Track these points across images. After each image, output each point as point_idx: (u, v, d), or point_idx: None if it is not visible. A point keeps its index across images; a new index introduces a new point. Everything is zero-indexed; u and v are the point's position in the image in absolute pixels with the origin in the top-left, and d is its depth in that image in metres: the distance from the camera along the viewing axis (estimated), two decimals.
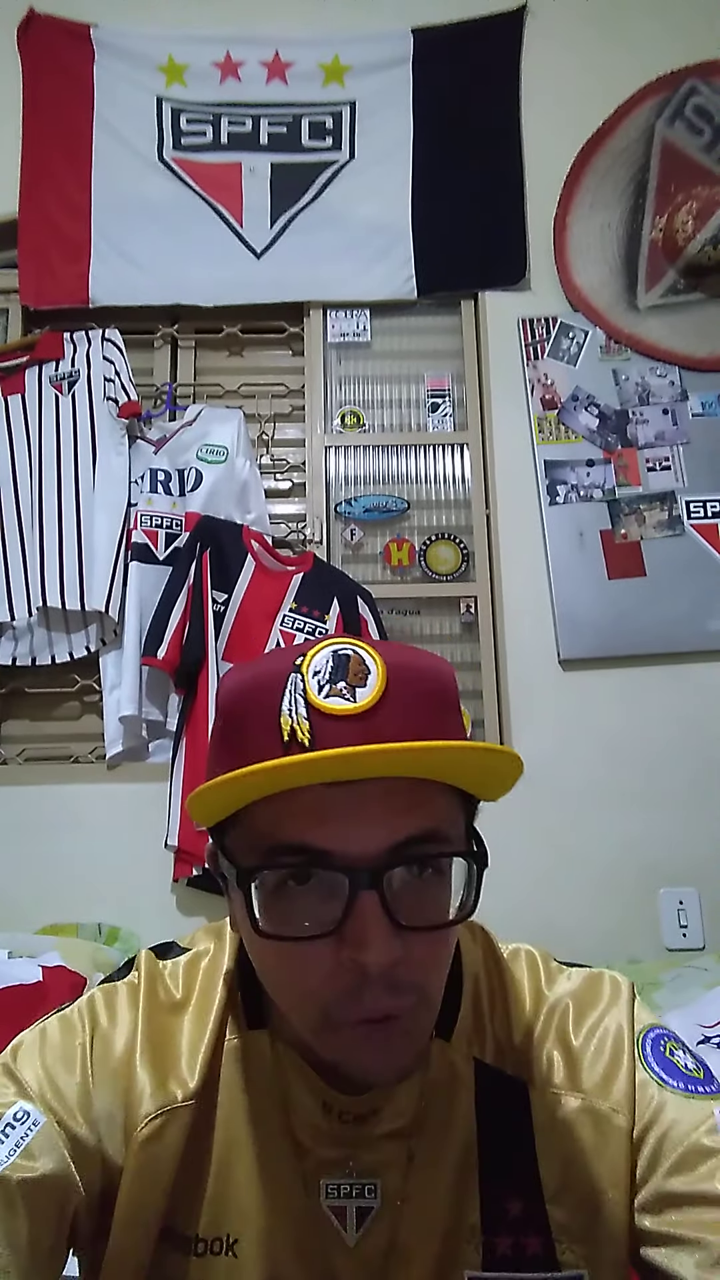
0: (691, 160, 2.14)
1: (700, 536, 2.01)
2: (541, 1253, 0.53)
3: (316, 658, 0.49)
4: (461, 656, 2.06)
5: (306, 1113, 0.56)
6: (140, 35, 2.20)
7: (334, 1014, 0.48)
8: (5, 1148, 0.49)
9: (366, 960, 0.46)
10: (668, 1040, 0.58)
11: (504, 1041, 0.59)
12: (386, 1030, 0.48)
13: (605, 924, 1.80)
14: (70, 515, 1.99)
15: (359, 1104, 0.56)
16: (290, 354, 2.24)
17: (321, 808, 0.47)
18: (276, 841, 0.48)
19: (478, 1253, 0.53)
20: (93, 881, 1.84)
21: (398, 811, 0.47)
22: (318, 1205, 0.54)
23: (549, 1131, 0.55)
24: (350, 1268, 0.54)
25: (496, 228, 2.17)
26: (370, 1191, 0.54)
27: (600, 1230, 0.53)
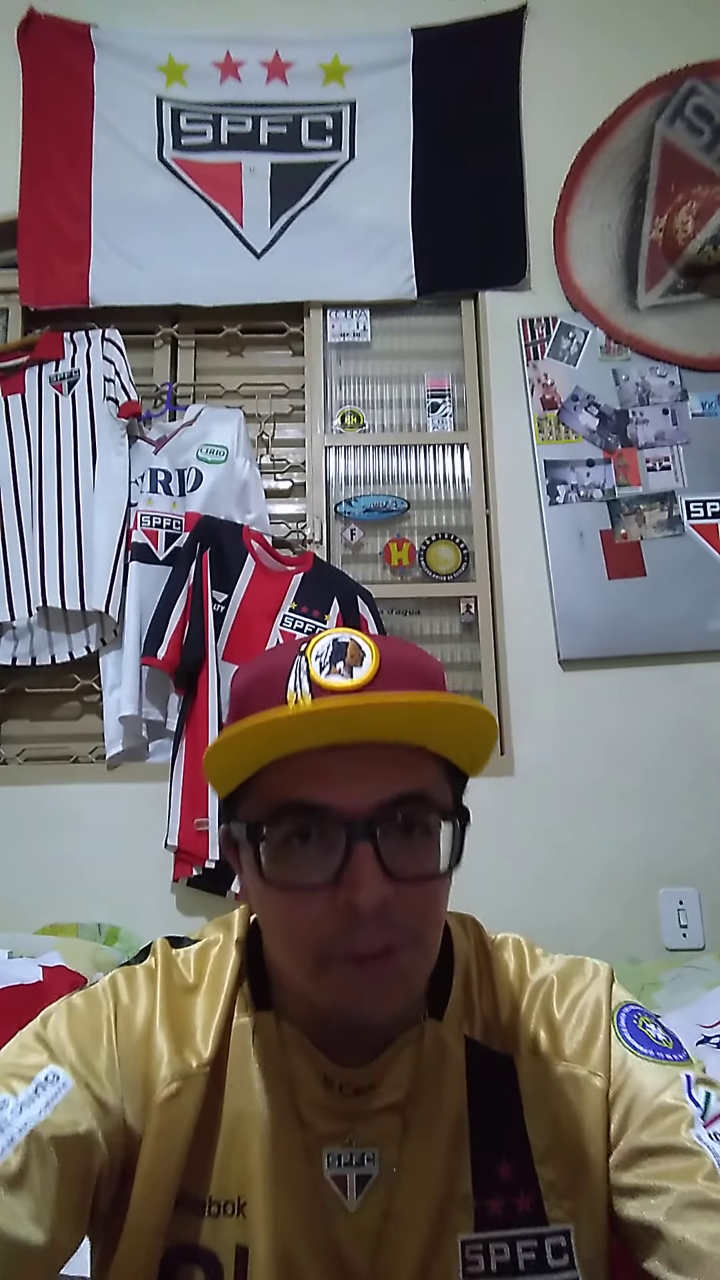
0: (691, 160, 2.14)
1: (700, 536, 2.01)
2: (532, 1210, 0.56)
3: (319, 644, 0.55)
4: (461, 656, 2.06)
5: (308, 1088, 0.59)
6: (140, 35, 2.20)
7: (329, 951, 0.53)
8: (36, 1106, 0.53)
9: (359, 900, 0.51)
10: (640, 1015, 0.63)
11: (491, 1020, 0.63)
12: (381, 968, 0.53)
13: (605, 924, 1.80)
14: (70, 515, 1.99)
15: (358, 1076, 0.59)
16: (290, 354, 2.24)
17: (321, 769, 0.52)
18: (282, 800, 0.53)
19: (470, 1216, 0.56)
20: (93, 881, 1.84)
21: (389, 773, 0.53)
22: (320, 1175, 0.58)
23: (535, 1098, 0.60)
24: (351, 1232, 0.57)
25: (496, 228, 2.17)
26: (369, 1160, 0.58)
27: (583, 1185, 0.57)
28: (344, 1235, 0.57)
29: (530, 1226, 0.56)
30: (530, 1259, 0.55)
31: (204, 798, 1.77)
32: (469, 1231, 0.56)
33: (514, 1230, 0.56)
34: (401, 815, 0.54)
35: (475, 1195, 0.57)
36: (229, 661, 1.86)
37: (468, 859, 0.57)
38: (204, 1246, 0.56)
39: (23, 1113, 0.53)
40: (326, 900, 0.52)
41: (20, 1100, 0.53)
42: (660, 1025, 0.63)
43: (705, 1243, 0.50)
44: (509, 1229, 0.56)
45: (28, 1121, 0.52)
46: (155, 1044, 0.59)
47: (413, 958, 0.55)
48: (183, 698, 1.85)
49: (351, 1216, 0.57)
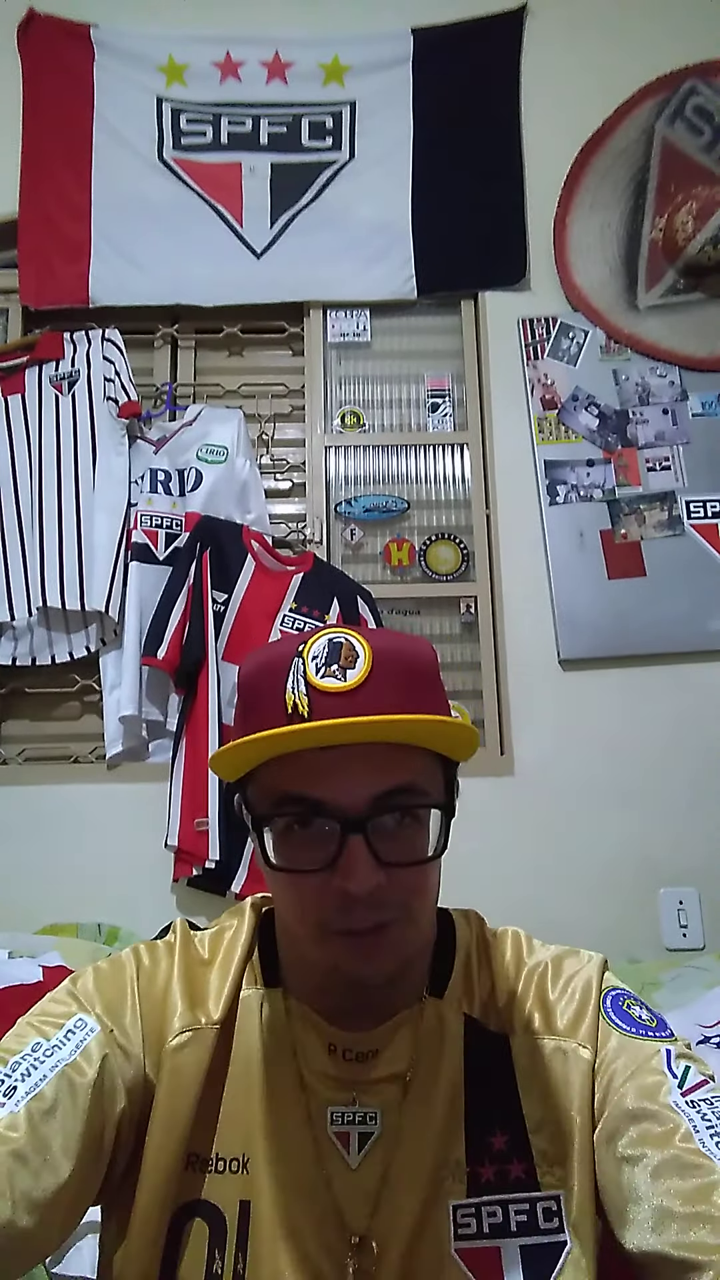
0: (691, 160, 2.14)
1: (700, 536, 2.01)
2: (525, 1177, 0.59)
3: (315, 644, 0.59)
4: (461, 656, 2.06)
5: (313, 1057, 0.63)
6: (140, 35, 2.20)
7: (328, 925, 0.58)
8: (67, 1048, 0.58)
9: (351, 888, 0.56)
10: (625, 998, 0.66)
11: (489, 1002, 0.67)
12: (374, 940, 0.58)
13: (605, 924, 1.80)
14: (70, 515, 1.99)
15: (360, 1041, 0.63)
16: (290, 354, 2.24)
17: (317, 767, 0.57)
18: (283, 793, 0.59)
19: (462, 1184, 0.59)
20: (93, 881, 1.84)
21: (378, 770, 0.58)
22: (323, 1133, 0.61)
23: (529, 1072, 0.63)
24: (350, 1190, 0.60)
25: (496, 228, 2.17)
26: (371, 1119, 0.62)
27: (573, 1153, 0.60)
28: (344, 1193, 0.60)
29: (523, 1192, 0.59)
30: (522, 1221, 0.58)
31: (204, 798, 1.76)
32: (461, 1197, 0.59)
33: (506, 1195, 0.59)
34: (391, 807, 0.58)
35: (468, 1163, 0.60)
36: (229, 662, 1.86)
37: (468, 859, 0.59)
38: (208, 1201, 0.59)
39: (54, 1054, 0.57)
40: (323, 882, 0.57)
41: (52, 1043, 0.58)
42: (645, 1007, 0.66)
43: (678, 1202, 0.52)
44: (501, 1194, 0.59)
45: (59, 1061, 0.57)
46: (171, 1000, 0.65)
47: (403, 930, 0.60)
48: (183, 698, 1.85)
49: (353, 1174, 0.60)
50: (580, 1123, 0.61)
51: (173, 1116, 0.61)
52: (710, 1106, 0.57)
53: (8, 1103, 0.54)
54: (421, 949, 0.67)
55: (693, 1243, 0.50)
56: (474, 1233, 0.58)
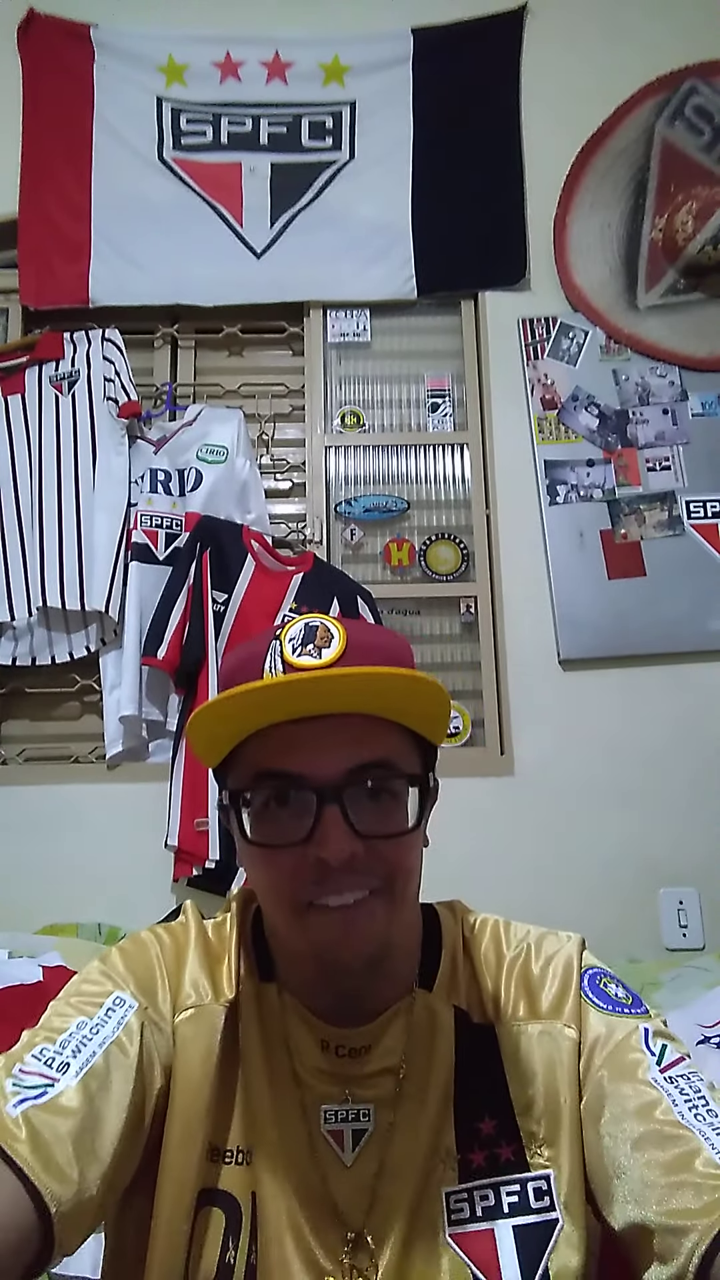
0: (691, 160, 2.14)
1: (700, 536, 2.01)
2: (514, 1159, 0.60)
3: (292, 628, 0.60)
4: (461, 656, 2.06)
5: (307, 1053, 0.64)
6: (140, 35, 2.20)
7: (304, 897, 0.59)
8: (110, 1025, 0.59)
9: (327, 855, 0.57)
10: (602, 976, 0.67)
11: (473, 994, 0.68)
12: (351, 914, 0.58)
13: (605, 924, 1.80)
14: (70, 515, 1.99)
15: (352, 1037, 0.64)
16: (290, 354, 2.24)
17: (293, 740, 0.58)
18: (260, 769, 0.60)
19: (454, 1170, 0.60)
20: (93, 881, 1.84)
21: (354, 743, 0.59)
22: (317, 1131, 0.61)
23: (514, 1058, 0.64)
24: (347, 1187, 0.60)
25: (496, 228, 2.17)
26: (365, 1116, 0.62)
27: (561, 1132, 0.61)
28: (340, 1190, 0.60)
29: (513, 1173, 0.60)
30: (514, 1201, 0.59)
31: (204, 798, 1.76)
32: (453, 1184, 0.60)
33: (497, 1177, 0.60)
34: (367, 780, 0.59)
35: (458, 1150, 0.61)
36: None
37: (468, 859, 0.59)
38: (224, 1190, 0.60)
39: (99, 1031, 0.59)
40: (300, 856, 0.58)
41: (95, 1021, 0.59)
42: (621, 984, 0.67)
43: (659, 1173, 0.52)
44: (492, 1178, 0.60)
45: (105, 1038, 0.58)
46: (187, 975, 0.66)
47: (382, 906, 0.60)
48: (183, 698, 1.85)
49: (348, 1172, 0.61)
50: (568, 1102, 0.62)
51: (190, 1097, 0.61)
52: (687, 1081, 0.58)
53: (63, 1077, 0.55)
54: (405, 936, 0.67)
55: (674, 1209, 0.50)
56: (467, 1217, 0.59)
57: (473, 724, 1.99)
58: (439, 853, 0.67)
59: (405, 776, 0.61)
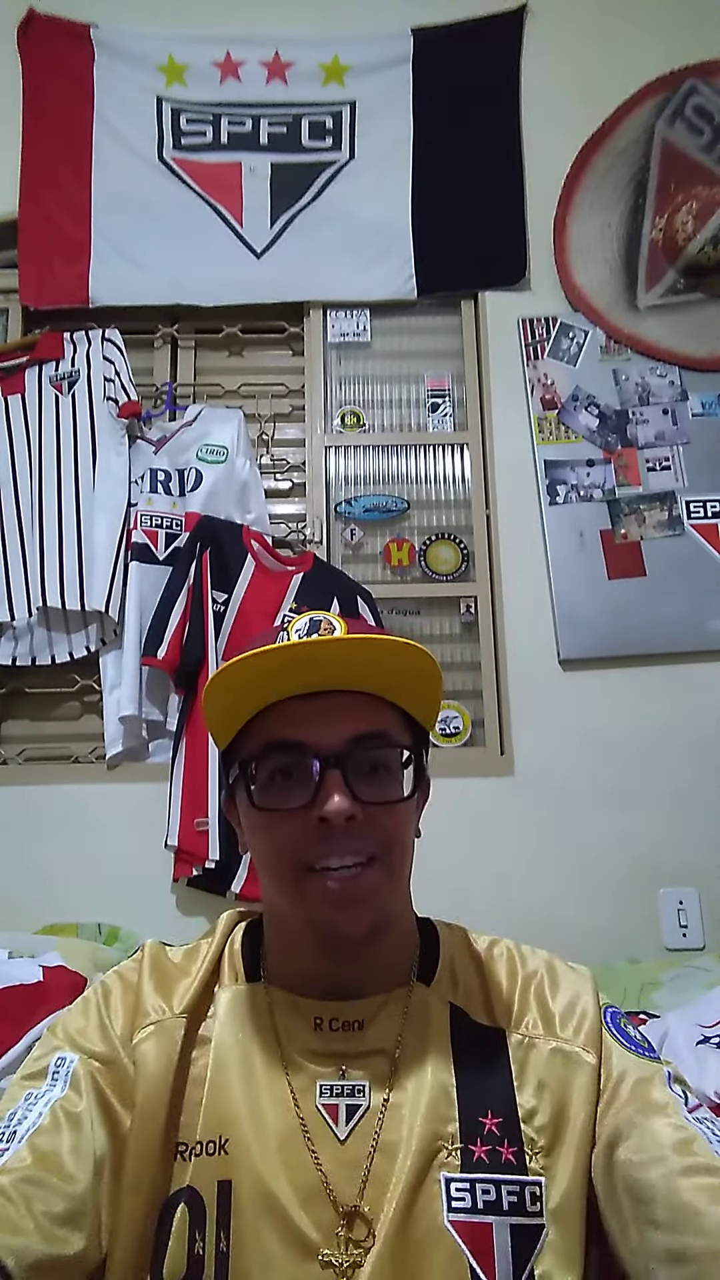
0: (691, 160, 2.14)
1: (700, 536, 2.01)
2: (515, 1160, 0.61)
3: (298, 622, 0.66)
4: (461, 656, 2.06)
5: (298, 1037, 0.66)
6: (140, 35, 2.20)
7: (305, 859, 0.62)
8: (57, 1087, 0.62)
9: (328, 813, 0.61)
10: (621, 1016, 0.70)
11: (481, 1000, 0.70)
12: (351, 883, 0.62)
13: (605, 924, 1.80)
14: (70, 515, 1.99)
15: (346, 1010, 0.66)
16: (290, 354, 2.24)
17: (298, 714, 0.64)
18: (267, 739, 0.65)
19: (456, 1158, 0.61)
20: (93, 881, 1.84)
21: (353, 716, 0.65)
22: (310, 1108, 0.63)
23: (524, 1065, 0.65)
24: (339, 1163, 0.61)
25: (496, 227, 2.17)
26: (359, 1092, 0.64)
27: (562, 1145, 0.62)
28: (332, 1167, 0.61)
29: (513, 1174, 0.61)
30: (513, 1201, 0.60)
31: (204, 798, 1.77)
32: (455, 1171, 0.61)
33: (499, 1175, 0.61)
34: (365, 749, 0.65)
35: (462, 1139, 0.62)
36: None
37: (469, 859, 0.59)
38: (190, 1186, 0.61)
39: (45, 1096, 0.62)
40: (303, 819, 0.62)
41: (42, 1089, 0.63)
42: (635, 1028, 0.70)
43: (704, 1200, 0.53)
44: (493, 1174, 0.61)
45: (51, 1099, 0.62)
46: (140, 1003, 0.68)
47: (380, 875, 0.64)
48: (183, 698, 1.85)
49: (341, 1147, 0.62)
50: (579, 1121, 0.62)
51: (146, 1107, 0.63)
52: (713, 1124, 0.60)
53: (11, 1144, 0.58)
54: (401, 915, 0.70)
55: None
56: (468, 1207, 0.59)
57: (473, 724, 1.99)
58: (439, 852, 0.68)
59: (400, 747, 0.67)
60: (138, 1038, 0.66)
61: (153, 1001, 0.68)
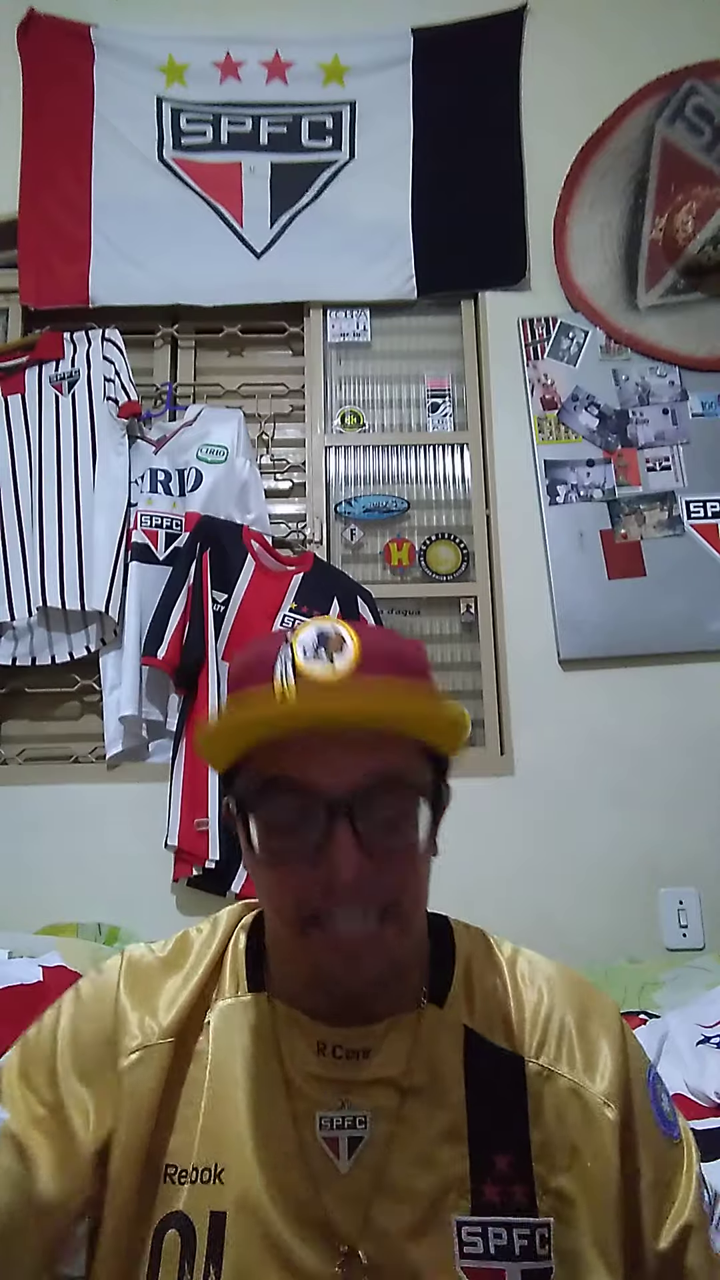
0: (691, 160, 2.14)
1: (700, 536, 2.01)
2: (526, 1202, 0.59)
3: (304, 633, 0.58)
4: (461, 656, 2.06)
5: (301, 1058, 0.62)
6: (140, 35, 2.20)
7: (309, 910, 0.57)
8: None
9: (337, 877, 0.55)
10: (659, 1082, 0.66)
11: (500, 1020, 0.65)
12: (357, 949, 0.57)
13: (605, 924, 1.80)
14: (70, 515, 1.99)
15: (352, 1038, 0.62)
16: (290, 354, 2.24)
17: (303, 751, 0.57)
18: (269, 776, 0.58)
19: (466, 1200, 0.58)
20: (93, 881, 1.84)
21: (364, 755, 0.57)
22: (311, 1138, 0.59)
23: (540, 1099, 0.61)
24: (340, 1196, 0.58)
25: (496, 228, 2.17)
26: (361, 1123, 0.60)
27: (569, 1188, 0.60)
28: (332, 1201, 0.58)
29: (524, 1216, 0.59)
30: (524, 1245, 0.58)
31: (204, 798, 1.76)
32: (465, 1214, 0.58)
33: (510, 1218, 0.58)
34: (377, 794, 0.57)
35: (473, 1180, 0.59)
36: (229, 662, 1.86)
37: (469, 859, 0.58)
38: (182, 1212, 0.58)
39: None
40: (308, 871, 0.56)
41: None
42: (668, 1098, 0.67)
43: None
44: (505, 1216, 0.58)
45: None
46: (120, 1020, 0.64)
47: (391, 927, 0.58)
48: (183, 698, 1.85)
49: (342, 1181, 0.59)
50: (592, 1169, 0.60)
51: (134, 1132, 0.60)
52: None
53: None
54: (414, 954, 0.65)
55: None
56: (480, 1252, 0.57)
57: (473, 724, 1.99)
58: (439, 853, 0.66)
59: (415, 789, 0.59)
60: (124, 1064, 0.62)
61: (134, 1025, 0.63)
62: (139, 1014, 0.64)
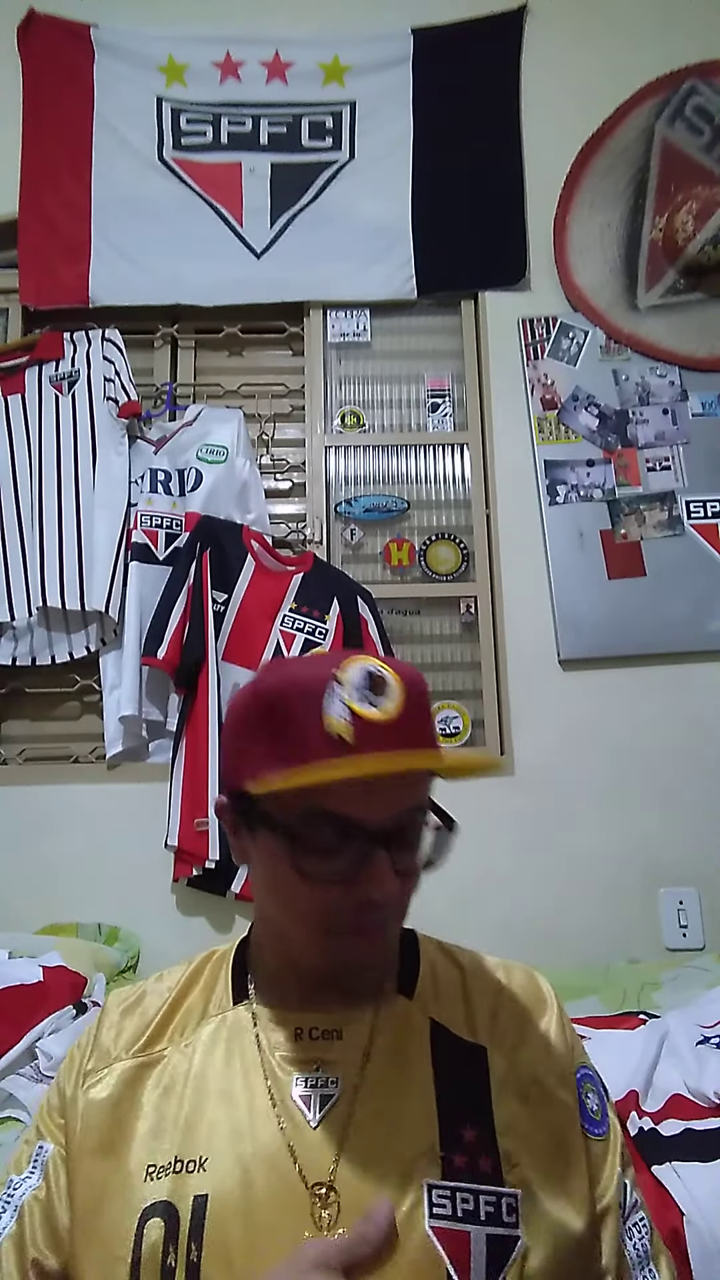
0: (691, 160, 2.14)
1: (700, 536, 2.01)
2: (491, 1171, 0.63)
3: (351, 670, 0.62)
4: (461, 656, 2.06)
5: (281, 1047, 0.67)
6: (140, 35, 2.20)
7: (341, 926, 0.63)
8: (36, 1176, 0.68)
9: (376, 897, 0.61)
10: (587, 1081, 0.71)
11: (457, 1014, 0.71)
12: (377, 937, 0.65)
13: (605, 924, 1.80)
14: (70, 515, 1.99)
15: (325, 1021, 0.68)
16: (290, 354, 2.24)
17: (353, 789, 0.61)
18: (313, 808, 0.61)
19: (436, 1166, 0.62)
20: (93, 881, 1.84)
21: (404, 790, 0.63)
22: (286, 1103, 0.64)
23: (503, 1084, 0.67)
24: (311, 1146, 0.62)
25: (496, 227, 2.17)
26: (332, 1083, 0.65)
27: (535, 1164, 0.64)
28: (304, 1151, 0.62)
29: (490, 1184, 0.62)
30: (490, 1211, 0.61)
31: (204, 798, 1.77)
32: (436, 1178, 0.61)
33: (477, 1184, 0.62)
34: (408, 823, 0.64)
35: (442, 1148, 0.63)
36: (229, 662, 1.86)
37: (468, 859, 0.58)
38: (166, 1200, 0.61)
39: (23, 1185, 0.68)
40: (342, 890, 0.62)
41: (23, 1176, 0.69)
42: (596, 1090, 0.72)
43: None
44: (473, 1183, 0.62)
45: (27, 1189, 0.68)
46: (89, 1059, 0.71)
47: (396, 923, 0.68)
48: (183, 698, 1.85)
49: (313, 1133, 0.63)
50: (551, 1145, 0.65)
51: (103, 1144, 0.65)
52: (640, 1234, 0.68)
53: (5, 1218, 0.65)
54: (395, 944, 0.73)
55: None
56: (449, 1214, 0.60)
57: (473, 724, 1.99)
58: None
59: (442, 819, 0.67)
60: (84, 1087, 0.69)
61: (97, 1057, 0.70)
62: (100, 1053, 0.71)
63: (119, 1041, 0.71)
